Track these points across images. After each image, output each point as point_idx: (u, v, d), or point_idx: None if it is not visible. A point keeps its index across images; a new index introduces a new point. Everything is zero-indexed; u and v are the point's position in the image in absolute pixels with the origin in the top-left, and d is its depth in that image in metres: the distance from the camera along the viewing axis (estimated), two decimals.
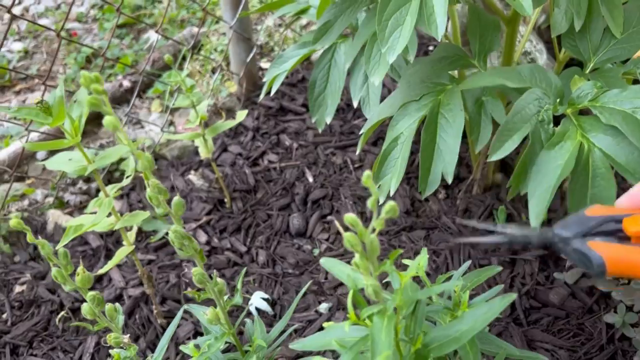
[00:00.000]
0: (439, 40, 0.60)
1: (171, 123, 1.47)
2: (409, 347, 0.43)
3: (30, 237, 0.51)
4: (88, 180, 1.29)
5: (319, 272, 1.07)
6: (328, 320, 0.99)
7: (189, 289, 1.03)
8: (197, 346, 0.54)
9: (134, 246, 0.87)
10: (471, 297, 0.55)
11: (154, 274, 1.07)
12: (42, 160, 1.43)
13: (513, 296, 0.42)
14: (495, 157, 0.64)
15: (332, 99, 0.98)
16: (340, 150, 1.35)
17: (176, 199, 0.45)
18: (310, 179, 1.27)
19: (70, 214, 1.22)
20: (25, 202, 1.28)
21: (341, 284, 1.04)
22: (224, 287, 0.52)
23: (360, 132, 0.83)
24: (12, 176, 1.14)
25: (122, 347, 0.55)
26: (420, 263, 0.45)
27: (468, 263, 0.58)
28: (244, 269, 0.66)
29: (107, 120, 0.41)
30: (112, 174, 1.31)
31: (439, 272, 1.02)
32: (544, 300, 0.96)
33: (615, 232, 0.33)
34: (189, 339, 0.97)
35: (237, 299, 0.52)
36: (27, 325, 1.00)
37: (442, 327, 0.44)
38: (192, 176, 1.31)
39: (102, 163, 0.77)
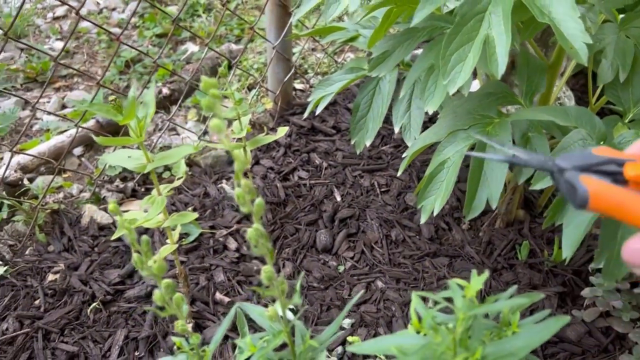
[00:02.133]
0: (498, 78, 0.65)
1: (206, 132, 1.52)
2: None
3: (128, 232, 0.54)
4: (124, 179, 1.34)
5: (343, 288, 1.11)
6: (351, 335, 1.02)
7: (218, 295, 1.07)
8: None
9: (177, 245, 0.91)
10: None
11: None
12: (79, 156, 1.48)
13: (567, 319, 0.45)
14: (539, 186, 0.69)
15: (374, 123, 1.03)
16: (367, 174, 1.39)
17: (259, 200, 0.49)
18: (339, 198, 1.31)
19: (105, 210, 1.26)
20: (61, 195, 1.33)
21: (365, 302, 1.08)
22: (286, 287, 0.55)
23: (404, 155, 0.88)
24: (56, 168, 1.18)
25: (184, 336, 0.58)
26: (481, 279, 0.49)
27: (515, 287, 0.62)
28: (302, 273, 0.70)
29: (214, 122, 0.45)
30: (147, 176, 1.35)
31: None
32: (561, 335, 0.99)
33: (614, 173, 0.33)
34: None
35: (297, 299, 0.56)
36: (60, 312, 1.03)
37: (497, 342, 0.47)
38: (225, 185, 1.35)
39: (161, 162, 0.81)
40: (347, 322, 1.03)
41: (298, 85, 1.73)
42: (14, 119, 1.51)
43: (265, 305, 0.65)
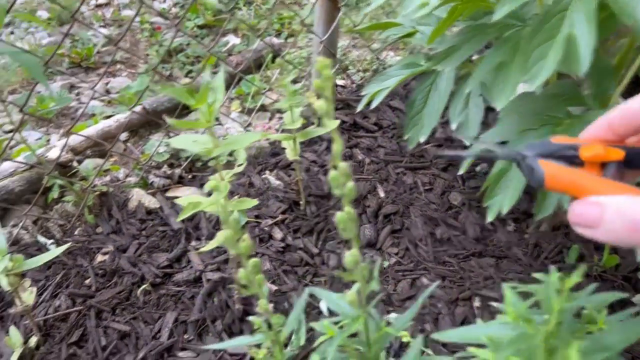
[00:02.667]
0: (582, 76, 0.65)
1: (250, 124, 1.53)
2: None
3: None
4: (172, 165, 1.35)
5: (387, 283, 1.11)
6: None
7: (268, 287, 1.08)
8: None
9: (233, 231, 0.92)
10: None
11: (233, 262, 1.12)
12: (124, 141, 1.50)
13: None
14: None
15: (429, 119, 1.03)
16: (410, 171, 1.39)
17: (350, 183, 0.49)
18: (382, 194, 1.31)
19: (153, 195, 1.28)
20: (108, 178, 1.35)
21: (410, 297, 1.08)
22: (367, 273, 0.56)
23: (464, 154, 0.88)
24: (108, 151, 1.20)
25: (263, 316, 0.59)
26: (579, 272, 0.49)
27: (594, 285, 0.62)
28: (379, 260, 0.71)
29: (319, 104, 0.46)
30: (194, 164, 1.37)
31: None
32: None
33: (571, 157, 0.37)
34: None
35: (374, 285, 0.56)
36: (111, 292, 1.05)
37: (592, 337, 0.47)
38: (269, 176, 1.36)
39: (228, 148, 0.82)
40: (392, 317, 1.04)
41: (339, 81, 1.74)
42: (69, 101, 1.54)
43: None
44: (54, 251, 0.88)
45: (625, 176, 0.38)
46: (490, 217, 0.77)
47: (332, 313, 1.04)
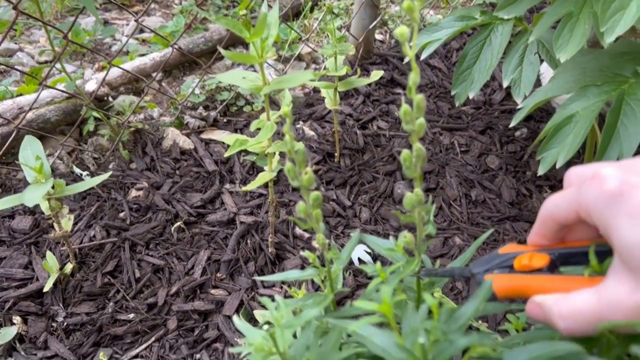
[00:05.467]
0: None
1: (285, 73, 1.50)
2: None
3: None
4: (207, 107, 1.34)
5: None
6: None
7: (297, 230, 1.08)
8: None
9: (275, 173, 0.91)
10: None
11: (265, 207, 1.12)
12: (159, 81, 1.48)
13: None
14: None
15: (480, 75, 1.00)
16: (447, 132, 1.37)
17: (421, 120, 0.47)
18: None
19: (188, 135, 1.27)
20: (141, 116, 1.34)
21: (442, 256, 1.07)
22: (425, 216, 0.55)
23: (520, 106, 0.85)
24: (147, 86, 1.19)
25: (316, 253, 0.59)
26: None
27: None
28: (433, 205, 0.70)
29: (399, 29, 0.44)
30: (228, 108, 1.35)
31: None
32: None
33: (511, 266, 0.41)
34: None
35: (432, 229, 0.55)
36: (145, 227, 1.05)
37: None
38: (303, 126, 1.34)
39: (278, 86, 0.80)
40: None
41: (378, 35, 1.69)
42: (114, 32, 1.52)
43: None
44: (95, 179, 0.88)
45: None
46: (542, 170, 0.75)
47: (362, 263, 1.04)
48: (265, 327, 0.51)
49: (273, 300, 0.59)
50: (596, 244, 0.38)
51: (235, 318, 0.53)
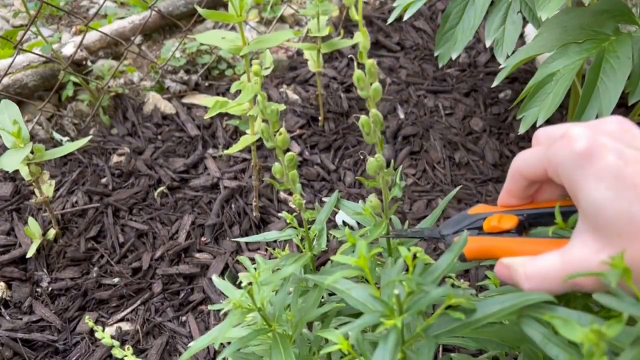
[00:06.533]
0: None
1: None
2: None
3: None
4: (188, 71, 1.32)
5: (403, 202, 1.11)
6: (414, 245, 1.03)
7: (282, 194, 1.07)
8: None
9: (257, 136, 0.90)
10: None
11: (249, 172, 1.11)
12: (138, 45, 1.45)
13: None
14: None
15: (463, 35, 0.99)
16: (431, 94, 1.36)
17: (376, 84, 0.47)
18: (402, 116, 1.29)
19: (169, 100, 1.25)
20: (122, 81, 1.31)
21: (425, 217, 1.08)
22: (389, 180, 0.55)
23: (502, 66, 0.85)
24: (126, 50, 1.16)
25: (295, 211, 0.59)
26: None
27: None
28: (400, 167, 0.70)
29: None
30: (210, 71, 1.33)
31: None
32: None
33: (480, 227, 0.41)
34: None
35: (397, 192, 0.56)
36: (128, 193, 1.05)
37: None
38: (287, 90, 1.33)
39: (258, 46, 0.79)
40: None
41: None
42: None
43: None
44: (75, 143, 0.87)
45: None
46: (522, 129, 0.76)
47: (347, 227, 1.05)
48: (246, 285, 0.51)
49: (254, 262, 0.59)
50: (562, 204, 0.38)
51: (214, 277, 0.53)
